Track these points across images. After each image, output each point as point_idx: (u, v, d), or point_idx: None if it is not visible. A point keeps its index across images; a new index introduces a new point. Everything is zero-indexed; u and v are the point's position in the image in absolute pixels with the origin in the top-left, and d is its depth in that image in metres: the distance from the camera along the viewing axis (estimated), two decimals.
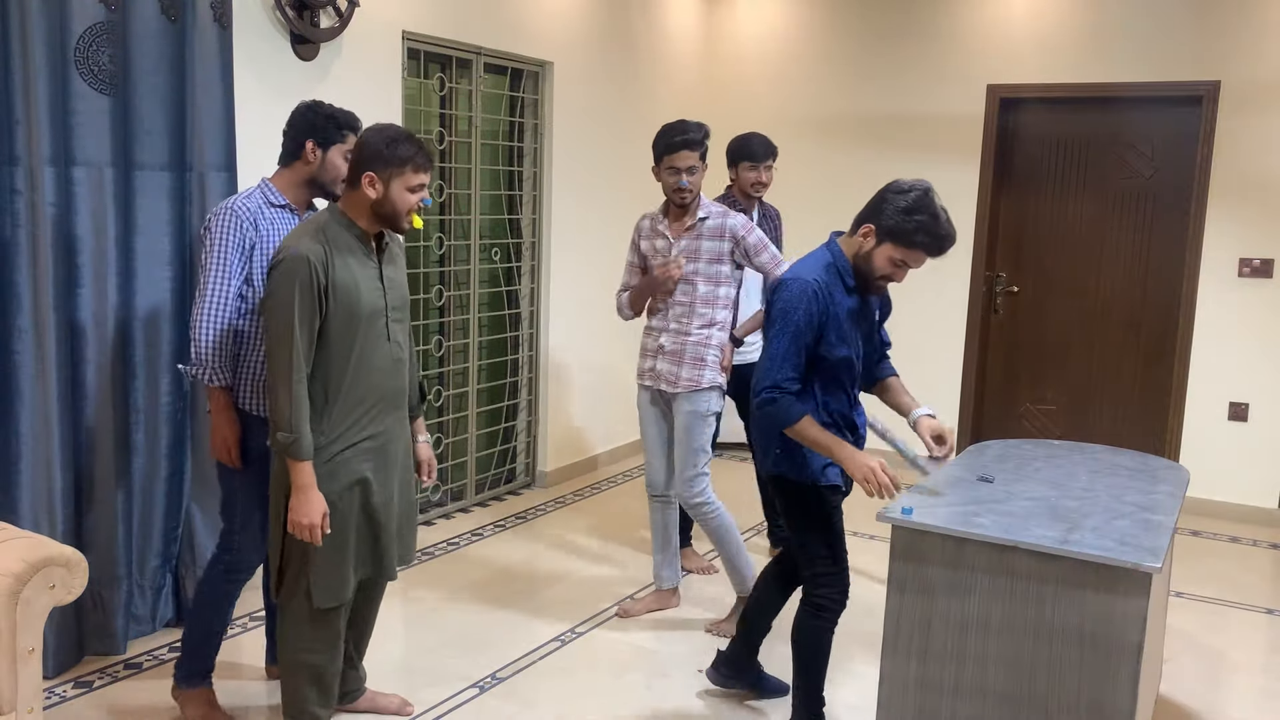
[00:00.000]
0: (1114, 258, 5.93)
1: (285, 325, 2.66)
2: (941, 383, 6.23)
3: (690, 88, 6.65)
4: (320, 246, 2.70)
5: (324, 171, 3.07)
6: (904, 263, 2.85)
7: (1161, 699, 3.58)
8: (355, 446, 2.81)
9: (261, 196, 3.06)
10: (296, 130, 3.07)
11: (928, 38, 6.16)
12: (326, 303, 2.71)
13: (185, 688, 3.19)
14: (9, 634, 2.46)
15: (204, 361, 2.96)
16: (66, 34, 3.27)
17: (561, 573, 4.54)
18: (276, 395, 2.68)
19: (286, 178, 3.11)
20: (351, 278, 2.75)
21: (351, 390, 2.78)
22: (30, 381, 3.27)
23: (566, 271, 5.73)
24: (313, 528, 2.72)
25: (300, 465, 2.70)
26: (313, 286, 2.67)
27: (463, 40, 4.94)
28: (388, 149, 2.75)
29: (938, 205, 2.81)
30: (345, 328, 2.75)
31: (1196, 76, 5.51)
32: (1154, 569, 2.42)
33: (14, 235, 3.20)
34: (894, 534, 2.74)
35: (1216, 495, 5.61)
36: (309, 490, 2.72)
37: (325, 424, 2.76)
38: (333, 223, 2.78)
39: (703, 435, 3.83)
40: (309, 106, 3.09)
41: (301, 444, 2.69)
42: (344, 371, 2.76)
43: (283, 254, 2.69)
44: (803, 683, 3.10)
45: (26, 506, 3.28)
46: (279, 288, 2.67)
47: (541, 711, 3.38)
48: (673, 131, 3.77)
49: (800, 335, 2.84)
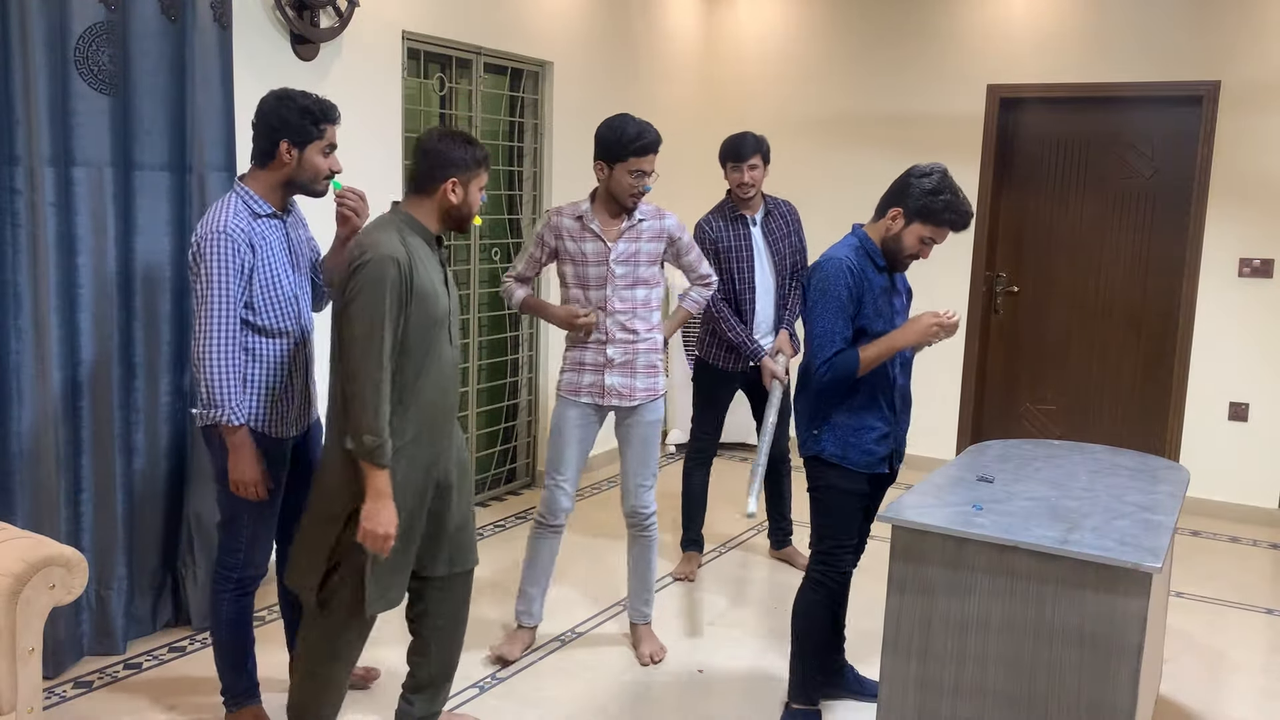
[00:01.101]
0: (1114, 258, 5.93)
1: (373, 327, 2.55)
2: (941, 383, 6.23)
3: (690, 88, 6.66)
4: (403, 249, 2.61)
5: (301, 172, 2.87)
6: (932, 240, 3.06)
7: (1161, 699, 3.58)
8: (424, 448, 2.74)
9: (245, 209, 2.84)
10: (268, 128, 2.84)
11: (928, 38, 6.16)
12: (408, 306, 2.62)
13: (234, 709, 3.11)
14: (9, 634, 2.46)
15: (219, 402, 2.79)
16: (66, 34, 3.27)
17: (561, 573, 4.54)
18: (361, 398, 2.56)
19: (263, 180, 2.88)
20: (429, 281, 2.67)
21: (423, 393, 2.70)
22: (30, 381, 3.26)
23: None
24: (387, 538, 2.61)
25: (380, 471, 2.59)
26: (400, 288, 2.59)
27: (463, 40, 4.94)
28: (464, 153, 2.71)
29: (955, 184, 3.04)
30: (423, 331, 2.67)
31: (1196, 76, 5.51)
32: (1154, 569, 2.42)
33: (14, 235, 3.20)
34: (894, 534, 2.74)
35: (1216, 495, 5.61)
36: (386, 499, 2.60)
37: (398, 427, 2.66)
38: (405, 226, 2.69)
39: (659, 444, 3.73)
40: (278, 99, 2.84)
41: (385, 449, 2.58)
42: (418, 375, 2.68)
43: (368, 254, 2.57)
44: (797, 655, 3.25)
45: (26, 507, 3.28)
46: (365, 288, 2.56)
47: (541, 711, 3.38)
48: (646, 133, 3.50)
49: (843, 308, 3.01)
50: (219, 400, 2.79)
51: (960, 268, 6.15)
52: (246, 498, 2.90)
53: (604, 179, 3.53)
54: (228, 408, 2.80)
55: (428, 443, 2.74)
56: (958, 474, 3.11)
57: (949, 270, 6.11)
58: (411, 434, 2.69)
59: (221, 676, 3.11)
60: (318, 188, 2.92)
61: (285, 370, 2.96)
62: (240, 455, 2.85)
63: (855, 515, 3.18)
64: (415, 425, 2.70)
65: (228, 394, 2.80)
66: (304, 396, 3.06)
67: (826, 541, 3.19)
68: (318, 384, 3.20)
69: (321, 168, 2.89)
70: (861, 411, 3.11)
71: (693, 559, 4.63)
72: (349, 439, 2.58)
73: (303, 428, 3.08)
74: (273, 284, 2.89)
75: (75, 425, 3.42)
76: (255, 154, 2.89)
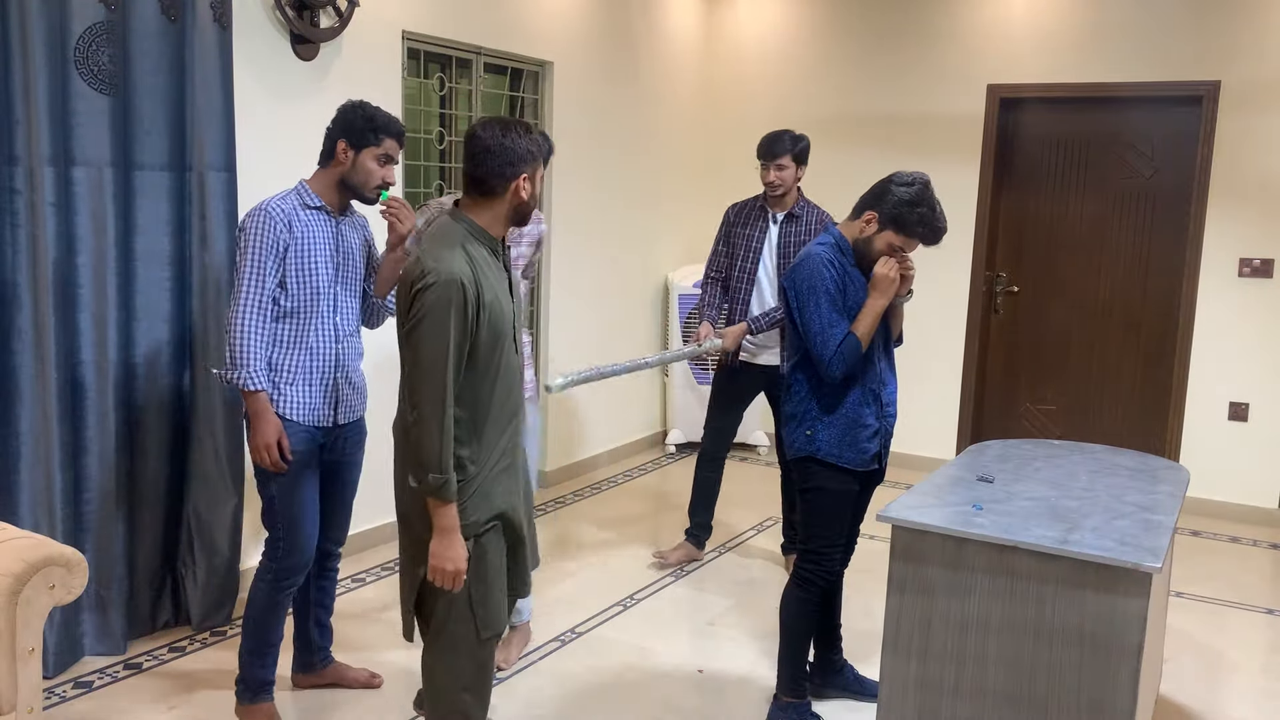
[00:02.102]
0: (1114, 258, 5.93)
1: (439, 355, 2.37)
2: (941, 382, 6.23)
3: (690, 88, 6.66)
4: (468, 266, 2.41)
5: (354, 174, 3.01)
6: (901, 249, 3.06)
7: (1161, 699, 3.58)
8: (497, 468, 2.56)
9: (297, 198, 3.02)
10: (334, 128, 3.03)
11: (928, 38, 6.16)
12: (478, 327, 2.44)
13: (247, 703, 3.14)
14: (9, 634, 2.46)
15: (241, 363, 2.92)
16: (66, 34, 3.27)
17: (561, 573, 4.54)
18: (426, 431, 2.38)
19: (322, 179, 3.06)
20: (495, 294, 2.47)
21: (495, 410, 2.53)
22: (30, 381, 3.26)
23: (566, 271, 5.73)
24: (458, 575, 2.47)
25: (447, 507, 2.43)
26: (466, 311, 2.39)
27: (463, 40, 4.94)
28: (531, 144, 2.50)
29: (935, 198, 3.03)
30: (492, 347, 2.48)
31: (1196, 76, 5.51)
32: (1154, 569, 2.42)
33: (14, 235, 3.20)
34: (894, 534, 2.74)
35: (1216, 495, 5.60)
36: (454, 534, 2.45)
37: (474, 450, 2.49)
38: (469, 235, 2.47)
39: None
40: (351, 106, 3.04)
41: (451, 485, 2.42)
42: (491, 392, 2.50)
43: (432, 276, 2.36)
44: (786, 650, 3.27)
45: (26, 507, 3.28)
46: (430, 313, 2.36)
47: (542, 711, 3.38)
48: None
49: (834, 299, 3.04)
50: (240, 362, 2.93)
51: (960, 268, 6.15)
52: (265, 467, 2.99)
53: None
54: (246, 371, 2.93)
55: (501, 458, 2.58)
56: (957, 474, 3.11)
57: (949, 270, 6.11)
58: (489, 454, 2.53)
59: (241, 665, 3.14)
60: (368, 193, 3.04)
61: (312, 359, 3.04)
62: (258, 421, 2.96)
63: (845, 515, 3.20)
64: (493, 444, 2.54)
65: (250, 358, 2.93)
66: (335, 391, 3.11)
67: (816, 541, 3.20)
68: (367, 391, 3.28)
69: (374, 174, 3.01)
70: (855, 409, 3.12)
71: (683, 549, 4.65)
72: (411, 476, 2.45)
73: (331, 422, 3.12)
74: (308, 270, 3.01)
75: (75, 425, 3.42)
76: (321, 155, 3.07)
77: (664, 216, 6.44)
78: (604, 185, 5.94)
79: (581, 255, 5.83)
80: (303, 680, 3.43)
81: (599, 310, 6.04)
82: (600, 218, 5.93)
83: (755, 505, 5.48)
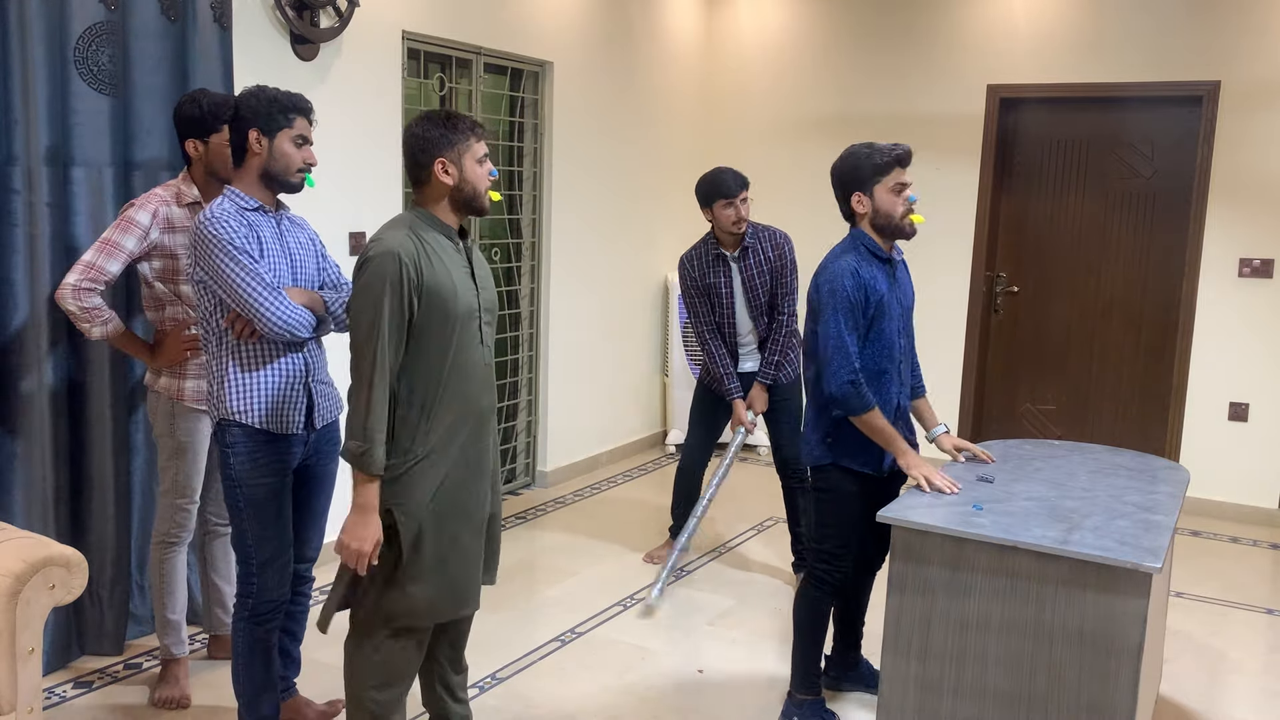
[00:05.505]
0: (1114, 258, 5.93)
1: (371, 326, 2.43)
2: (942, 383, 6.22)
3: (690, 88, 6.65)
4: (411, 242, 2.48)
5: (274, 161, 2.78)
6: (900, 185, 3.12)
7: (1161, 699, 3.58)
8: (453, 461, 2.57)
9: (231, 205, 2.78)
10: (240, 121, 2.78)
11: (928, 38, 6.16)
12: (418, 302, 2.47)
13: None
14: (9, 634, 2.46)
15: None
16: (66, 34, 3.27)
17: (561, 573, 4.54)
18: (356, 398, 2.44)
19: (243, 178, 2.82)
20: (447, 276, 2.52)
21: (451, 398, 2.54)
22: (30, 381, 3.26)
23: (566, 271, 5.73)
24: (361, 555, 2.46)
25: (368, 485, 2.44)
26: (403, 285, 2.44)
27: (463, 40, 4.94)
28: (447, 128, 2.55)
29: (863, 143, 3.18)
30: (440, 330, 2.51)
31: (1196, 76, 5.51)
32: (1154, 569, 2.42)
33: (11, 235, 3.20)
34: (894, 534, 2.74)
35: (1216, 495, 5.60)
36: (369, 512, 2.45)
37: (420, 433, 2.51)
38: (419, 221, 2.56)
39: None
40: (250, 93, 2.80)
41: (373, 456, 2.42)
42: (439, 378, 2.52)
43: (370, 250, 2.46)
44: (800, 650, 3.28)
45: (25, 507, 3.28)
46: (366, 286, 2.44)
47: (541, 711, 3.37)
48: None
49: (853, 310, 3.05)
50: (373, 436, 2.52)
51: (960, 268, 6.15)
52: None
53: None
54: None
55: (453, 446, 2.57)
56: (958, 474, 3.11)
57: (949, 270, 6.11)
58: (435, 439, 2.54)
59: (239, 704, 2.94)
60: (293, 179, 2.82)
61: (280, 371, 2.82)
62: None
63: (859, 518, 3.17)
64: (439, 430, 2.54)
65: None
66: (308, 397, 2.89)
67: (829, 542, 3.20)
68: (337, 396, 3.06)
69: (294, 157, 2.80)
70: None
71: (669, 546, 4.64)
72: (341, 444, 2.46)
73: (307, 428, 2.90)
74: None
75: (74, 425, 3.42)
76: (233, 155, 2.84)
77: (663, 216, 6.43)
78: (604, 185, 5.93)
79: (581, 255, 5.82)
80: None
81: (598, 310, 6.04)
82: (600, 218, 5.93)
83: (755, 506, 5.48)
